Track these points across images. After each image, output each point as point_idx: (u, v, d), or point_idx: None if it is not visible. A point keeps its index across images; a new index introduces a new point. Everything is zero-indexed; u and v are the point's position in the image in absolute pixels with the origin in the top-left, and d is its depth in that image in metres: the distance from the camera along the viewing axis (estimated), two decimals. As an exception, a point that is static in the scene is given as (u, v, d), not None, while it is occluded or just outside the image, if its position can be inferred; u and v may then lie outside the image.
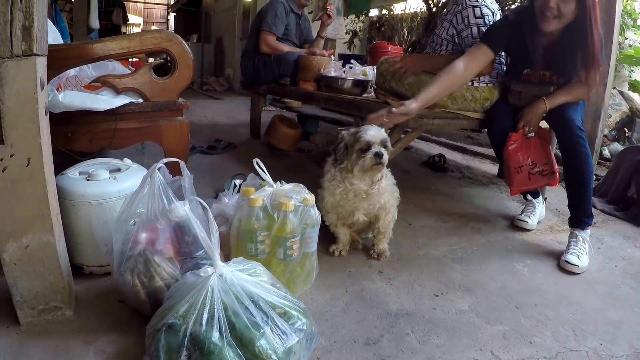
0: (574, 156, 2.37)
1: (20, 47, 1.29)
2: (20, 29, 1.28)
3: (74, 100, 1.97)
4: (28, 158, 1.36)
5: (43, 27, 1.40)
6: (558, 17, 2.25)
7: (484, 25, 2.69)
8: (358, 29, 9.38)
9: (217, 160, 3.76)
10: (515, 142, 2.57)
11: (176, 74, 2.19)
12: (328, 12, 4.42)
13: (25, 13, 1.28)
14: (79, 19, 6.36)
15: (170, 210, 1.47)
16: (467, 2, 2.74)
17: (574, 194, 2.43)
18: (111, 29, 11.36)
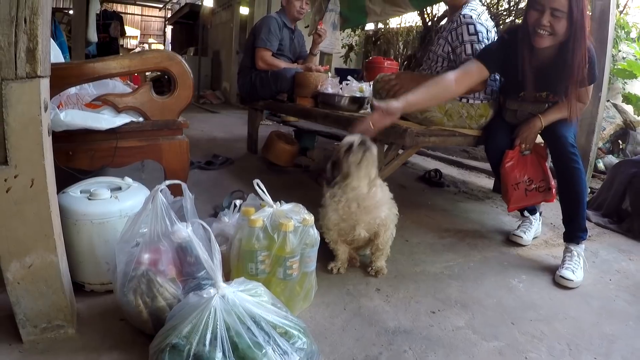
0: (567, 172, 2.41)
1: (25, 69, 1.31)
2: (25, 51, 1.30)
3: (75, 119, 1.99)
4: (32, 179, 1.38)
5: (46, 48, 1.42)
6: (552, 34, 2.29)
7: (478, 42, 2.72)
8: (354, 42, 9.43)
9: (215, 176, 3.79)
10: (512, 160, 2.60)
11: (176, 93, 2.23)
12: (318, 32, 4.47)
13: (30, 35, 1.30)
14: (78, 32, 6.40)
15: (172, 232, 1.49)
16: (462, 20, 2.77)
17: (568, 209, 2.47)
18: (109, 41, 11.44)
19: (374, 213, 2.07)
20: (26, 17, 1.29)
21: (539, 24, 2.28)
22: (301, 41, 4.77)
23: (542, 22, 2.26)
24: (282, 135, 4.16)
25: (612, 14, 3.29)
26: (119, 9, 18.81)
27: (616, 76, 5.51)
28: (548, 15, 2.25)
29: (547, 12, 2.25)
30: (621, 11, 5.73)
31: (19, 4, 1.27)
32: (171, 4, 20.90)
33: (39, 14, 1.31)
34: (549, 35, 2.30)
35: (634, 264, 2.62)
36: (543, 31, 2.29)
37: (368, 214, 2.06)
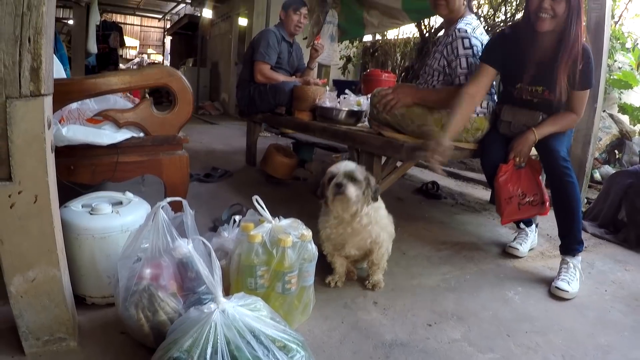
0: (561, 186, 2.44)
1: (29, 87, 1.34)
2: (29, 70, 1.33)
3: (77, 134, 2.03)
4: (35, 195, 1.40)
5: (50, 67, 1.45)
6: (553, 17, 2.37)
7: (472, 56, 2.76)
8: (352, 54, 9.46)
9: (214, 189, 3.81)
10: (506, 173, 2.63)
11: (176, 109, 2.26)
12: (315, 47, 4.51)
13: (34, 55, 1.33)
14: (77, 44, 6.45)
15: (174, 248, 1.52)
16: (457, 34, 2.80)
17: (563, 222, 2.49)
18: (108, 52, 11.49)
19: (363, 234, 2.10)
20: (30, 36, 1.32)
21: (541, 8, 2.36)
22: (299, 54, 4.80)
23: (543, 5, 2.35)
24: (280, 148, 4.19)
25: (607, 25, 3.33)
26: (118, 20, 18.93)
27: (612, 86, 5.55)
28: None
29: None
30: (616, 22, 5.77)
31: (23, 23, 1.30)
32: (170, 15, 20.98)
33: (43, 34, 1.34)
34: (551, 18, 2.38)
35: (629, 274, 2.66)
36: (545, 14, 2.37)
37: (356, 236, 2.09)
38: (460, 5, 2.91)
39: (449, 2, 2.90)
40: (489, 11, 7.05)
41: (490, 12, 7.02)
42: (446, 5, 2.91)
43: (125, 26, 21.14)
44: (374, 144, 2.76)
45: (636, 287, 2.50)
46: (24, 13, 1.30)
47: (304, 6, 4.49)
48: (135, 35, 25.02)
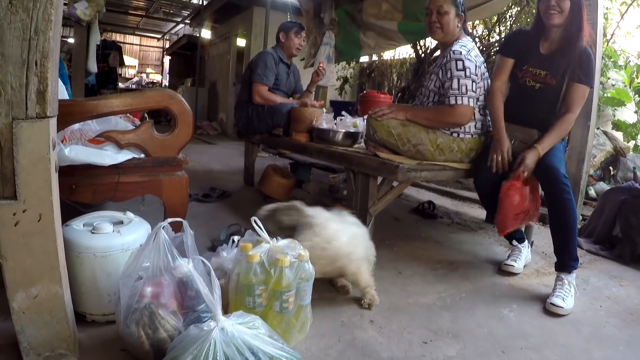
0: (559, 204, 2.50)
1: (35, 109, 1.38)
2: (35, 92, 1.37)
3: (79, 154, 2.06)
4: (40, 214, 1.43)
5: (55, 89, 1.49)
6: (560, 12, 2.61)
7: (465, 77, 2.81)
8: (349, 75, 9.56)
9: (212, 209, 3.84)
10: (519, 189, 2.64)
11: (176, 131, 2.30)
12: (318, 71, 4.56)
13: (40, 78, 1.37)
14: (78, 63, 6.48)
15: (174, 267, 1.55)
16: (452, 55, 2.87)
17: (559, 239, 2.54)
18: (108, 71, 11.55)
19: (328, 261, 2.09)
20: (37, 60, 1.36)
21: (549, 6, 2.62)
22: (297, 75, 4.85)
23: (551, 3, 2.61)
24: (278, 169, 4.23)
25: (599, 44, 3.40)
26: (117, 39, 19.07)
27: (605, 104, 5.63)
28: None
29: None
30: (608, 40, 5.86)
31: (30, 47, 1.35)
32: (169, 35, 21.18)
33: (50, 58, 1.38)
34: (558, 13, 2.62)
35: (624, 289, 2.70)
36: (553, 11, 2.62)
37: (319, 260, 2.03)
38: (454, 28, 2.99)
39: (444, 26, 2.97)
40: (484, 31, 7.16)
41: (485, 33, 7.12)
42: (441, 29, 2.99)
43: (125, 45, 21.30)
44: (370, 166, 2.80)
45: (631, 302, 2.54)
46: (32, 37, 1.35)
47: (303, 30, 4.56)
48: (135, 55, 25.20)
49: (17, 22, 1.33)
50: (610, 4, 5.86)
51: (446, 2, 2.97)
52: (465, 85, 2.80)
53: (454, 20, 2.99)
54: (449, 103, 2.82)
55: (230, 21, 11.73)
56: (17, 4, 1.32)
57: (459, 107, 2.81)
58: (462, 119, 2.84)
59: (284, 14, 7.88)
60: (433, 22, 3.00)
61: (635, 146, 5.59)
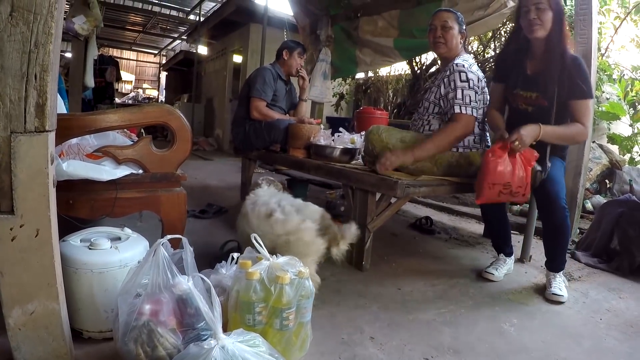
0: (557, 230, 2.69)
1: (34, 123, 1.38)
2: (34, 106, 1.37)
3: (77, 169, 2.05)
4: (37, 229, 1.42)
5: (54, 103, 1.49)
6: (541, 25, 2.67)
7: (468, 88, 2.88)
8: (345, 91, 9.59)
9: (209, 225, 3.82)
10: (500, 158, 2.58)
11: (175, 147, 2.29)
12: (301, 74, 4.62)
13: (40, 91, 1.37)
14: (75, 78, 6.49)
15: (174, 285, 1.54)
16: (455, 68, 2.95)
17: (552, 252, 2.78)
18: (105, 86, 11.52)
19: None
20: (36, 73, 1.36)
21: (531, 21, 2.69)
22: (294, 93, 4.88)
23: (531, 17, 2.68)
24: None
25: (593, 58, 3.45)
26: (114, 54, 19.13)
27: (600, 118, 5.67)
28: (534, 11, 2.67)
29: (532, 8, 2.68)
30: (603, 54, 5.91)
31: (30, 60, 1.35)
32: (166, 51, 21.27)
33: (49, 71, 1.38)
34: (539, 26, 2.68)
35: (624, 302, 2.70)
36: (535, 25, 2.68)
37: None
38: (457, 44, 3.08)
39: (448, 41, 3.05)
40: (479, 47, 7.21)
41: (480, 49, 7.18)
42: (445, 44, 3.06)
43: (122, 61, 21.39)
44: (368, 182, 2.81)
45: (631, 314, 2.54)
46: (31, 50, 1.35)
47: (306, 52, 4.63)
48: (131, 70, 25.29)
49: (17, 34, 1.33)
50: (604, 18, 5.92)
51: (450, 18, 3.06)
52: (469, 96, 2.87)
53: (457, 37, 3.08)
54: (453, 112, 2.88)
55: (227, 38, 11.78)
56: (18, 17, 1.32)
57: (464, 116, 2.86)
58: (468, 128, 2.88)
59: (281, 30, 7.92)
60: (437, 37, 3.08)
61: (631, 159, 5.62)
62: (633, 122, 5.73)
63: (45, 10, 1.35)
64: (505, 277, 2.98)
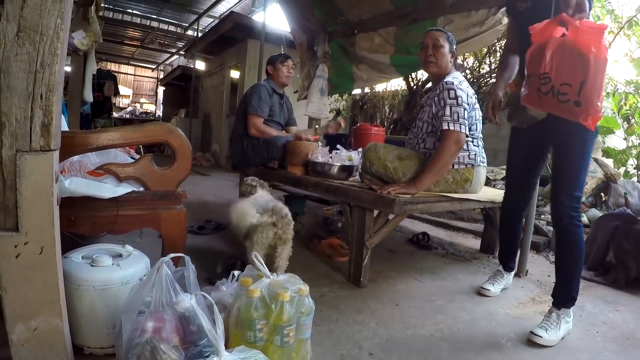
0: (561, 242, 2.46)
1: (39, 142, 1.41)
2: (40, 125, 1.40)
3: (79, 187, 2.07)
4: (41, 246, 1.45)
5: (59, 122, 1.52)
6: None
7: (457, 105, 2.92)
8: (341, 107, 9.65)
9: (207, 242, 3.84)
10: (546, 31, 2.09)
11: (176, 165, 2.32)
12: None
13: (45, 111, 1.40)
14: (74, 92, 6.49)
15: (176, 302, 1.56)
16: (444, 86, 3.00)
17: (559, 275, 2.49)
18: (102, 100, 11.56)
19: None
20: (42, 93, 1.39)
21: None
22: (289, 106, 4.90)
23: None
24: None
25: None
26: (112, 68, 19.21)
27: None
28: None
29: None
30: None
31: (36, 80, 1.38)
32: (164, 66, 21.36)
33: (55, 91, 1.41)
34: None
35: (620, 314, 2.73)
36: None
37: None
38: (447, 63, 3.13)
39: (439, 59, 3.10)
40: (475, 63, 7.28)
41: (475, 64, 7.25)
42: (435, 62, 3.11)
43: (119, 75, 21.47)
44: (366, 199, 2.83)
45: (627, 327, 2.58)
46: (37, 70, 1.38)
47: (288, 58, 4.63)
48: (129, 85, 25.34)
49: (24, 54, 1.36)
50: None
51: (441, 37, 3.11)
52: (457, 113, 2.91)
53: (447, 55, 3.12)
54: (442, 128, 2.92)
55: (225, 53, 11.86)
56: (24, 37, 1.35)
57: (453, 132, 2.89)
58: (459, 143, 2.91)
59: (278, 46, 7.98)
60: (429, 56, 3.13)
61: (626, 172, 5.69)
62: (627, 135, 5.79)
63: (51, 31, 1.39)
64: (502, 292, 3.00)
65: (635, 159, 5.75)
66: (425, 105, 3.25)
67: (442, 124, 2.92)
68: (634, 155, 5.75)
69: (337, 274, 3.14)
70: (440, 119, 2.95)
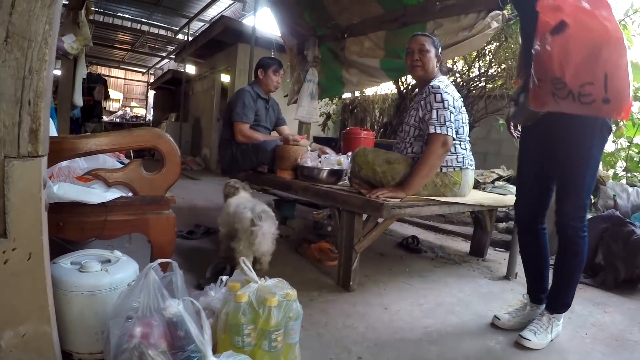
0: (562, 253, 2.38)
1: (27, 148, 1.41)
2: (28, 131, 1.40)
3: (68, 192, 2.07)
4: (29, 252, 1.45)
5: (47, 128, 1.52)
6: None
7: (443, 108, 2.94)
8: (332, 111, 9.65)
9: (196, 246, 3.84)
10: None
11: (164, 170, 2.32)
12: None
13: (33, 117, 1.40)
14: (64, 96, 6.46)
15: (164, 308, 1.56)
16: (430, 89, 3.02)
17: (555, 282, 2.44)
18: (93, 104, 11.54)
19: None
20: (30, 99, 1.39)
21: None
22: (276, 109, 4.89)
23: None
24: (261, 207, 4.24)
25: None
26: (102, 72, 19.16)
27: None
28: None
29: None
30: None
31: (24, 86, 1.38)
32: (154, 69, 21.31)
33: (43, 97, 1.41)
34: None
35: (609, 316, 2.76)
36: None
37: None
38: (434, 67, 3.16)
39: (425, 64, 3.13)
40: (464, 67, 7.31)
41: (465, 68, 7.28)
42: (422, 67, 3.12)
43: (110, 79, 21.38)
44: (355, 203, 2.84)
45: (616, 328, 2.61)
46: (25, 76, 1.38)
47: (281, 67, 4.63)
48: (119, 88, 25.26)
49: (12, 60, 1.36)
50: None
51: (427, 41, 3.14)
52: (444, 116, 2.93)
53: (433, 60, 3.15)
54: (429, 132, 2.93)
55: (215, 57, 11.84)
56: (13, 43, 1.35)
57: (440, 135, 2.91)
58: (445, 146, 2.93)
59: (268, 50, 7.97)
60: (415, 61, 3.15)
61: (615, 174, 5.73)
62: (616, 138, 5.83)
63: (39, 37, 1.39)
64: (491, 295, 3.01)
65: (624, 161, 5.79)
66: (411, 109, 3.26)
67: (429, 128, 2.93)
68: (623, 158, 5.79)
69: (326, 277, 3.15)
70: (427, 123, 2.97)
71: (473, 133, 6.46)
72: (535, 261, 2.62)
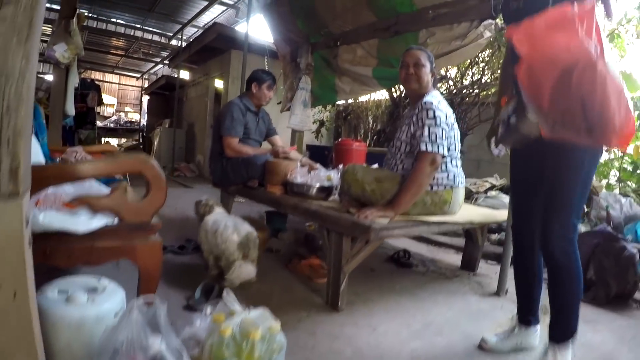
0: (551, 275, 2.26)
1: (8, 187, 1.38)
2: (7, 171, 1.37)
3: (53, 221, 2.07)
4: (14, 291, 1.43)
5: (28, 162, 1.49)
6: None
7: (435, 125, 2.94)
8: (325, 118, 9.67)
9: (187, 262, 3.84)
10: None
11: (150, 196, 2.32)
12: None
13: (13, 156, 1.37)
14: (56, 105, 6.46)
15: (147, 346, 1.57)
16: (423, 106, 3.02)
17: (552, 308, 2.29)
18: (86, 111, 11.50)
19: None
20: (9, 137, 1.36)
21: None
22: (267, 119, 4.89)
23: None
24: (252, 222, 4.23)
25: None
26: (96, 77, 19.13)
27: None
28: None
29: None
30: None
31: (2, 125, 1.35)
32: (148, 75, 21.30)
33: (22, 135, 1.39)
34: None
35: (599, 335, 2.76)
36: None
37: None
38: (428, 81, 3.15)
39: (420, 78, 3.12)
40: (457, 75, 7.33)
41: (458, 75, 7.30)
42: (417, 79, 3.11)
43: (104, 84, 21.40)
44: (343, 225, 2.85)
45: (605, 347, 2.61)
46: (3, 115, 1.35)
47: (275, 84, 4.66)
48: (113, 93, 25.27)
49: (-12, 98, 1.35)
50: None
51: (422, 56, 3.14)
52: (435, 134, 2.93)
53: (428, 74, 3.13)
54: (419, 149, 2.94)
55: (209, 63, 11.85)
56: (-12, 81, 1.34)
57: (429, 154, 2.92)
58: (434, 164, 2.93)
59: (262, 57, 7.99)
60: (410, 74, 3.13)
61: (608, 184, 5.74)
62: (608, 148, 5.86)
63: (17, 73, 1.35)
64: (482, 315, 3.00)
65: (617, 171, 5.81)
66: (403, 125, 3.26)
67: (420, 145, 2.94)
68: (616, 167, 5.81)
69: (316, 296, 3.16)
70: (418, 140, 2.97)
71: (466, 141, 6.48)
72: (529, 283, 2.55)
